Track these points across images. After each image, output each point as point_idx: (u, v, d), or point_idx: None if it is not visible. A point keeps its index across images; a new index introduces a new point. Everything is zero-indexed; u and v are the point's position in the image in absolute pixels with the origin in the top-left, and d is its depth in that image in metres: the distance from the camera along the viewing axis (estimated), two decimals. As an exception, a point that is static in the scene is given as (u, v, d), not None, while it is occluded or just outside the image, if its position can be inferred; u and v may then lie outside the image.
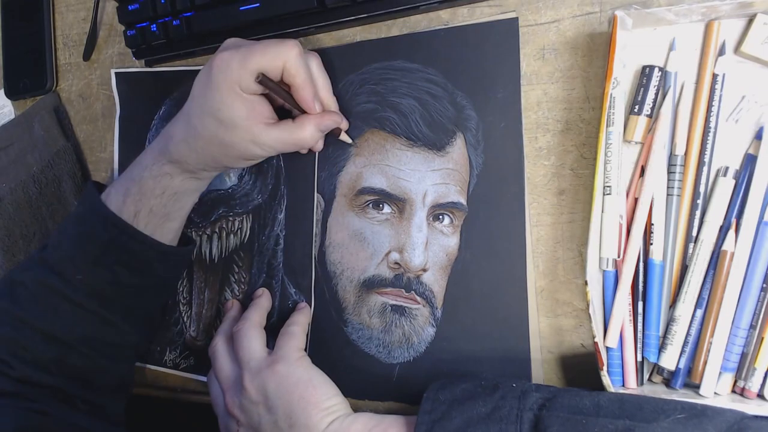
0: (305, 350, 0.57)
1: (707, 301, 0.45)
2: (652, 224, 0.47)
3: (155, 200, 0.56)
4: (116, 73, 0.70)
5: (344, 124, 0.56)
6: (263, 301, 0.61)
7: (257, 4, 0.58)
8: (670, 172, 0.47)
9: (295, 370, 0.53)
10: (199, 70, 0.52)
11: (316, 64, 0.54)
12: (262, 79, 0.48)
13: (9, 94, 0.76)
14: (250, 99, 0.51)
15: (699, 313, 0.46)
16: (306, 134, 0.53)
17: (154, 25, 0.63)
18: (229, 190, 0.64)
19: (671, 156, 0.47)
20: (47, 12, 0.73)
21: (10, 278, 0.57)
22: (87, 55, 0.71)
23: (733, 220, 0.45)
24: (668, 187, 0.47)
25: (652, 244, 0.47)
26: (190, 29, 0.61)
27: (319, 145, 0.58)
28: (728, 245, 0.45)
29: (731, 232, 0.45)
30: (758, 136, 0.45)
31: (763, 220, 0.44)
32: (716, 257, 0.45)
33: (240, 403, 0.53)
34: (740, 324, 0.44)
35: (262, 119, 0.52)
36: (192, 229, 0.65)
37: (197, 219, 0.65)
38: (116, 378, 0.60)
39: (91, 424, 0.56)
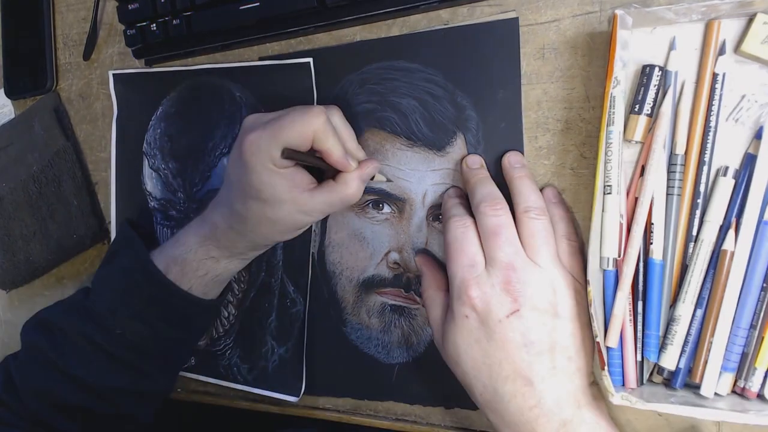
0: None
1: (707, 300, 0.45)
2: (653, 224, 0.47)
3: (197, 280, 0.57)
4: (113, 74, 0.70)
5: (377, 165, 0.55)
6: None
7: (257, 4, 0.58)
8: (670, 172, 0.47)
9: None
10: (198, 69, 0.53)
11: (338, 119, 0.53)
12: (288, 154, 0.48)
13: (9, 94, 0.77)
14: (287, 172, 0.50)
15: (699, 312, 0.46)
16: (352, 191, 0.52)
17: (154, 25, 0.63)
18: None
19: (671, 155, 0.47)
20: (47, 12, 0.73)
21: (47, 320, 0.57)
22: (87, 55, 0.71)
23: (733, 220, 0.45)
24: (668, 187, 0.47)
25: (652, 243, 0.47)
26: (190, 28, 0.61)
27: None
28: (728, 245, 0.45)
29: (731, 232, 0.45)
30: (758, 135, 0.45)
31: (763, 220, 0.44)
32: (716, 257, 0.45)
33: (510, 311, 0.46)
34: (740, 324, 0.44)
35: (304, 187, 0.51)
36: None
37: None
38: (138, 424, 0.61)
39: None
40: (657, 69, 0.47)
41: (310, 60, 0.59)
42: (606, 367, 0.45)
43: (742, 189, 0.45)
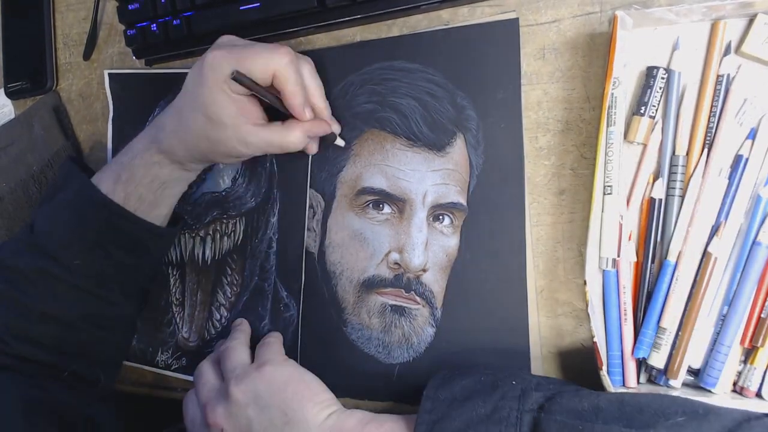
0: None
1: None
2: (652, 225, 0.47)
3: (144, 188, 0.57)
4: (110, 74, 0.71)
5: (335, 128, 0.57)
6: (245, 327, 0.62)
7: (257, 4, 0.58)
8: (671, 173, 0.47)
9: (284, 369, 0.54)
10: None
11: (308, 70, 0.54)
12: (237, 76, 0.49)
13: (9, 94, 0.77)
14: (239, 99, 0.52)
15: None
16: (292, 138, 0.54)
17: (154, 25, 0.64)
18: (223, 193, 0.65)
19: (673, 157, 0.47)
20: (47, 11, 0.74)
21: (2, 262, 0.58)
22: (87, 55, 0.72)
23: (722, 222, 0.45)
24: (669, 188, 0.47)
25: (651, 245, 0.47)
26: (190, 29, 0.62)
27: (313, 149, 0.59)
28: (712, 248, 0.45)
29: (716, 237, 0.45)
30: (750, 136, 0.45)
31: (750, 222, 0.45)
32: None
33: (225, 410, 0.53)
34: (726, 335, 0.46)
35: (251, 119, 0.53)
36: (185, 230, 0.67)
37: (191, 221, 0.66)
38: (114, 348, 0.64)
39: (82, 402, 0.58)
40: (662, 71, 0.47)
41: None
42: (604, 367, 0.46)
43: (732, 191, 0.45)
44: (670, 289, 0.47)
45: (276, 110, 0.54)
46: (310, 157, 0.60)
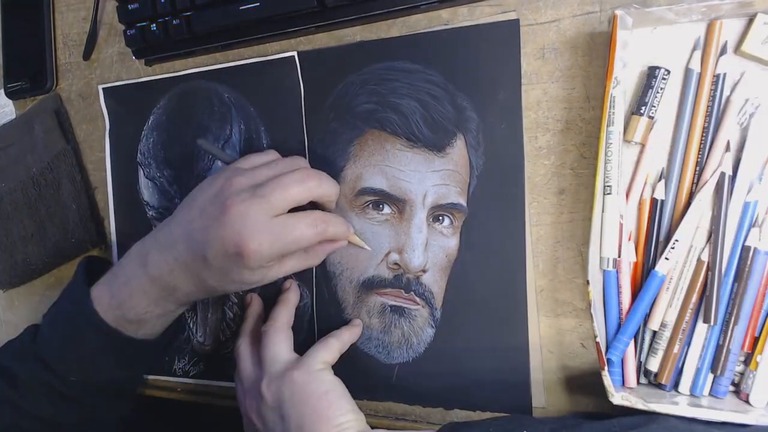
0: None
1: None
2: (652, 227, 0.48)
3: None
4: (104, 89, 0.72)
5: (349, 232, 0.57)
6: (291, 296, 0.61)
7: (257, 4, 0.59)
8: (669, 174, 0.48)
9: (313, 381, 0.53)
10: (184, 74, 0.55)
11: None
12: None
13: (9, 94, 0.78)
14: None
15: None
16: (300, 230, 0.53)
17: (154, 25, 0.65)
18: None
19: (671, 157, 0.48)
20: (47, 11, 0.75)
21: (2, 365, 0.60)
22: (87, 55, 0.73)
23: (711, 229, 0.47)
24: (668, 189, 0.48)
25: (650, 247, 0.48)
26: (190, 29, 0.63)
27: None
28: (705, 255, 0.47)
29: (709, 244, 0.47)
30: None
31: (741, 227, 0.46)
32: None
33: (257, 407, 0.54)
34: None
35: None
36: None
37: None
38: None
39: None
40: (664, 71, 0.48)
41: (295, 53, 0.61)
42: (606, 367, 0.46)
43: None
44: (659, 295, 0.48)
45: None
46: (306, 143, 0.61)
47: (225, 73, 0.65)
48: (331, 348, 0.56)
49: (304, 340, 0.62)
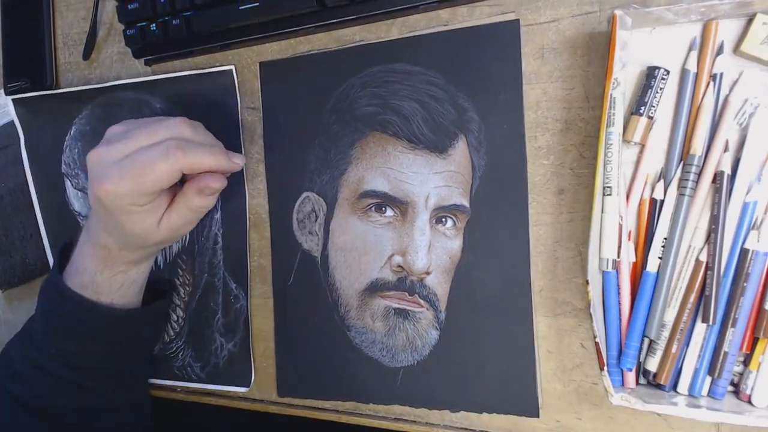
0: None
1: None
2: (651, 228, 0.52)
3: (115, 293, 0.64)
4: (14, 100, 0.78)
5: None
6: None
7: (257, 4, 0.63)
8: (668, 174, 0.52)
9: None
10: (110, 86, 0.68)
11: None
12: None
13: (9, 94, 0.82)
14: (150, 206, 0.58)
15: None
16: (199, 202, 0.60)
17: (154, 25, 0.69)
18: None
19: (670, 158, 0.52)
20: (47, 11, 0.79)
21: (6, 352, 0.66)
22: (87, 55, 0.77)
23: (710, 229, 0.50)
24: (666, 190, 0.52)
25: (648, 248, 0.52)
26: (190, 28, 0.67)
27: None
28: (703, 255, 0.50)
29: (707, 244, 0.50)
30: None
31: (740, 227, 0.50)
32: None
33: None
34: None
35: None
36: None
37: None
38: None
39: None
40: (663, 71, 0.52)
41: (233, 67, 0.68)
42: (605, 368, 0.51)
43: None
44: (656, 297, 0.52)
45: None
46: (242, 145, 0.68)
47: (157, 84, 0.71)
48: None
49: (241, 339, 0.69)
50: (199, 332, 0.72)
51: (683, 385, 0.52)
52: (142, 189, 0.55)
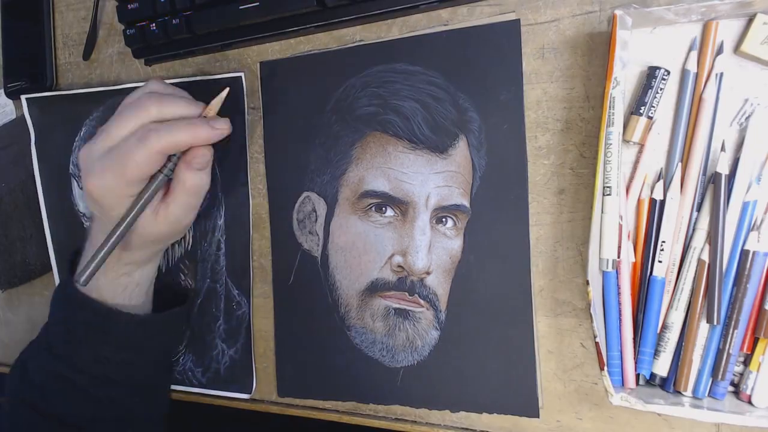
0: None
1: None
2: (650, 228, 0.53)
3: (120, 297, 0.65)
4: (27, 99, 0.79)
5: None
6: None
7: (257, 4, 0.64)
8: (669, 175, 0.53)
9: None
10: (121, 88, 0.68)
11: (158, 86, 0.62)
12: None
13: (9, 94, 0.84)
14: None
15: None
16: (192, 181, 0.60)
17: (154, 25, 0.70)
18: None
19: (670, 158, 0.53)
20: (47, 11, 0.81)
21: (24, 361, 0.67)
22: (87, 55, 0.79)
23: (710, 229, 0.51)
24: (666, 190, 0.53)
25: (649, 248, 0.53)
26: (190, 28, 0.68)
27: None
28: (705, 255, 0.51)
29: (707, 244, 0.51)
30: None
31: (740, 227, 0.51)
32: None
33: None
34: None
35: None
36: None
37: None
38: None
39: None
40: (663, 71, 0.53)
41: (242, 74, 0.68)
42: (605, 368, 0.51)
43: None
44: (674, 297, 0.53)
45: None
46: (248, 154, 0.68)
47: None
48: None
49: (242, 346, 0.70)
50: (200, 337, 0.73)
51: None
52: (126, 179, 0.57)
